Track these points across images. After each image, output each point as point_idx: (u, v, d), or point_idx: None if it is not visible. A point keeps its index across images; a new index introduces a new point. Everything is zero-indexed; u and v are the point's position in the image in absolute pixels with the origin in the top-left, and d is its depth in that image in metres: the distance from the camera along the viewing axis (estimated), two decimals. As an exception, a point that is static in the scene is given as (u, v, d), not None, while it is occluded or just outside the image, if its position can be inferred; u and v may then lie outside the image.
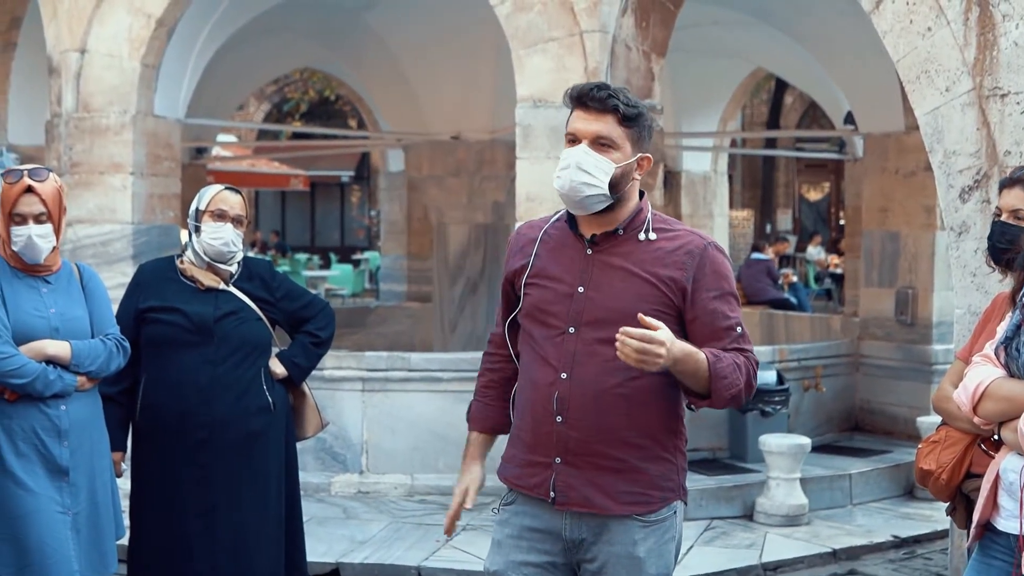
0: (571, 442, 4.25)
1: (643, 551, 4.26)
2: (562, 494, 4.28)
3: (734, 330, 4.28)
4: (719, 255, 4.30)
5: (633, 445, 4.24)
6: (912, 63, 7.23)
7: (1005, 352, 4.15)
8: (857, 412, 13.07)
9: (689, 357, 4.07)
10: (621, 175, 4.25)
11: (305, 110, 40.82)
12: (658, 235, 4.30)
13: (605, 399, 4.20)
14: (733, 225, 26.14)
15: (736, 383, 4.18)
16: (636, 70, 9.90)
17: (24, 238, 5.56)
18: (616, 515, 4.26)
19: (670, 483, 4.32)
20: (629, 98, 4.27)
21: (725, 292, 4.28)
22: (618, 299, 4.21)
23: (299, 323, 6.37)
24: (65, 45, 10.65)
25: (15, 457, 5.44)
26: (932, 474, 5.09)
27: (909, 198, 12.58)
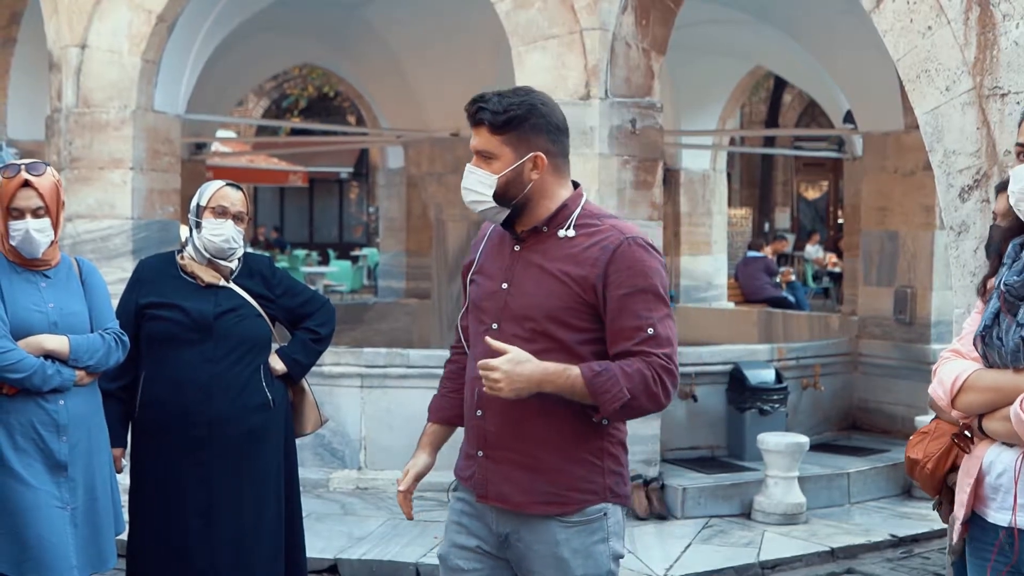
0: (490, 436, 4.30)
1: (567, 552, 4.23)
2: (481, 487, 4.33)
3: (643, 330, 4.11)
4: (638, 251, 4.19)
5: (550, 444, 4.22)
6: (912, 62, 7.24)
7: (983, 342, 4.10)
8: (855, 411, 13.08)
9: (556, 376, 4.05)
10: (507, 183, 4.21)
11: (304, 106, 40.80)
12: (579, 231, 4.23)
13: (524, 400, 4.14)
14: (731, 223, 26.07)
15: (620, 396, 4.03)
16: (636, 68, 9.90)
17: (22, 232, 5.56)
18: (535, 514, 4.25)
19: (592, 485, 4.24)
20: (502, 104, 4.21)
21: (639, 289, 4.14)
22: (533, 297, 4.21)
23: (299, 320, 6.37)
24: (65, 40, 10.65)
25: (13, 452, 5.44)
26: (918, 463, 5.15)
27: (908, 197, 12.59)
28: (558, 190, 4.30)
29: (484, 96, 4.24)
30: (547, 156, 4.24)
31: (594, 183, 9.67)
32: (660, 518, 9.87)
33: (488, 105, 4.20)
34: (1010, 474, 4.01)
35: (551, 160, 4.26)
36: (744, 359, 11.37)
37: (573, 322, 4.16)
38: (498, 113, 4.18)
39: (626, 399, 4.05)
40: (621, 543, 4.36)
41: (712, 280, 19.37)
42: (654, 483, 9.98)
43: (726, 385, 11.23)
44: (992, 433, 4.07)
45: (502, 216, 4.27)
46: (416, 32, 14.98)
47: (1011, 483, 4.01)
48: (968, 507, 4.16)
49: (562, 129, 4.32)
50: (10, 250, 5.62)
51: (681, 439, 11.14)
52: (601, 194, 9.66)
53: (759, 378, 11.11)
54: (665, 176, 11.86)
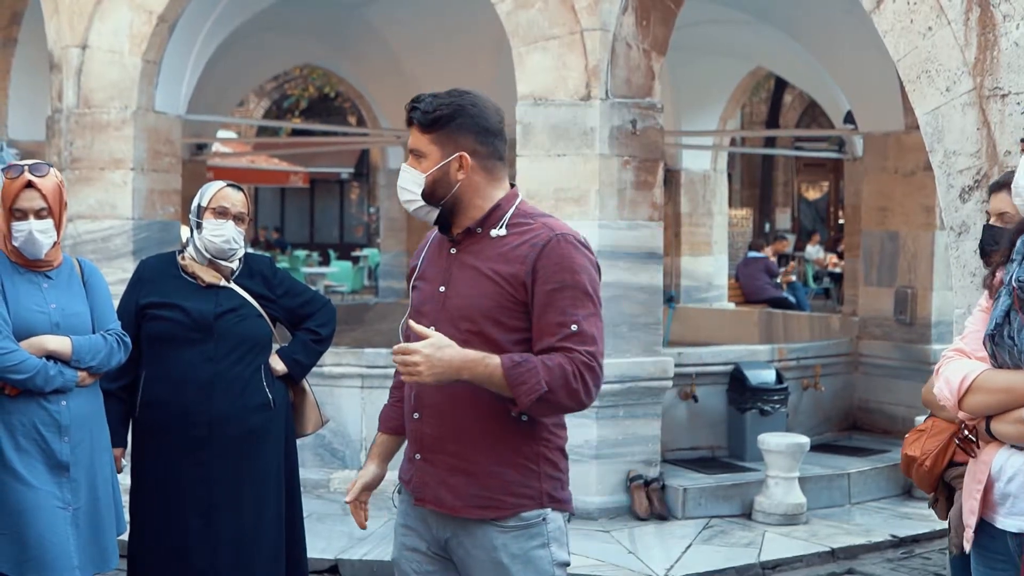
0: (426, 439, 4.30)
1: (506, 557, 4.21)
2: (419, 491, 4.33)
3: (567, 327, 4.08)
4: (567, 247, 4.15)
5: (484, 448, 4.20)
6: (912, 63, 7.24)
7: (992, 341, 4.02)
8: (856, 411, 13.08)
9: (475, 363, 4.03)
10: (434, 181, 4.26)
11: (305, 107, 40.79)
12: (511, 231, 4.23)
13: (454, 398, 4.18)
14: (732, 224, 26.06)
15: (537, 388, 3.99)
16: (636, 68, 9.91)
17: (25, 233, 5.57)
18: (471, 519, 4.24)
19: (528, 490, 4.21)
20: (433, 104, 4.27)
21: (566, 285, 4.10)
22: (467, 298, 4.22)
23: (300, 320, 6.38)
24: (66, 41, 10.66)
25: (15, 452, 5.45)
26: (916, 460, 5.16)
27: (908, 198, 12.59)
28: (490, 191, 4.32)
29: (420, 96, 4.31)
30: (473, 157, 4.26)
31: (595, 184, 9.68)
32: (661, 518, 9.87)
33: (420, 105, 4.27)
34: (1021, 479, 3.96)
35: (478, 161, 4.28)
36: (745, 359, 11.37)
37: (507, 321, 4.16)
38: (427, 112, 4.24)
39: (543, 391, 4.01)
40: (565, 550, 4.32)
41: (713, 280, 19.36)
42: (655, 483, 9.98)
43: (727, 385, 11.23)
44: (1002, 436, 3.99)
45: (433, 215, 4.31)
46: (417, 32, 14.99)
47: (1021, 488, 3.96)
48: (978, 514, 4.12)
49: (493, 132, 4.32)
50: (12, 251, 5.63)
51: (682, 439, 11.14)
52: (602, 194, 9.67)
53: (760, 378, 11.11)
54: (666, 176, 11.87)
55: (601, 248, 9.58)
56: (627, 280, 9.90)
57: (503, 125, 4.38)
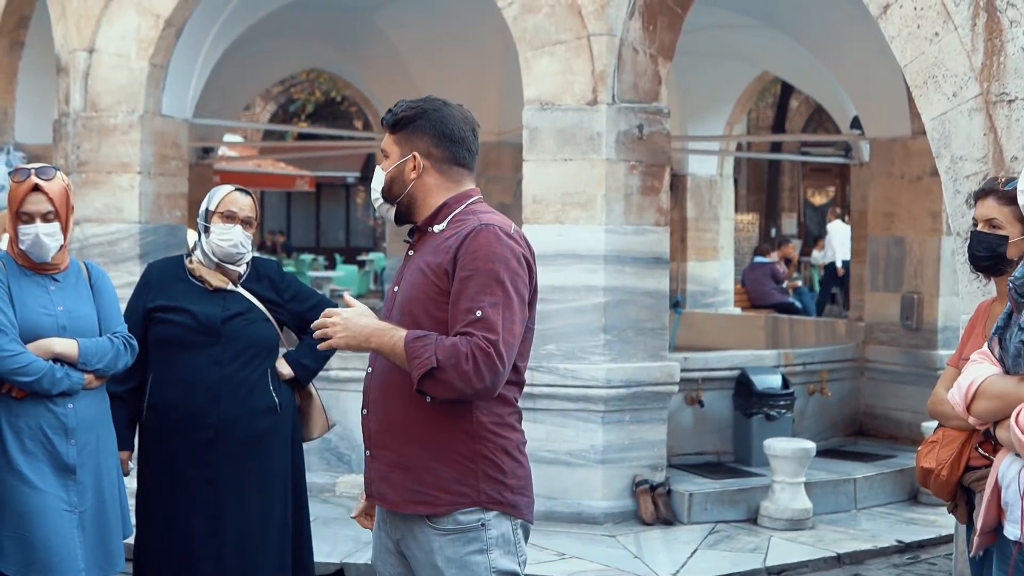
0: (372, 435, 4.43)
1: (441, 560, 4.24)
2: (368, 486, 4.48)
3: (472, 312, 4.11)
4: (488, 236, 4.21)
5: (421, 443, 4.26)
6: (919, 68, 7.24)
7: (999, 344, 4.09)
8: (862, 416, 13.07)
9: (383, 333, 4.20)
10: (391, 179, 4.45)
11: (311, 111, 40.81)
12: (450, 226, 4.34)
13: (391, 393, 4.31)
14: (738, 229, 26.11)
15: (427, 363, 4.05)
16: (643, 73, 9.90)
17: (32, 236, 5.59)
18: (412, 517, 4.29)
19: (465, 488, 4.23)
20: (400, 107, 4.45)
21: (478, 272, 4.15)
22: (406, 291, 4.36)
23: (307, 324, 6.35)
24: (73, 44, 10.67)
25: (22, 455, 5.46)
26: (933, 472, 5.18)
27: (915, 203, 12.58)
28: (443, 194, 4.44)
29: (398, 101, 4.50)
30: (427, 158, 4.40)
31: (601, 188, 9.68)
32: (666, 523, 9.87)
33: (393, 107, 4.47)
34: (1014, 488, 4.00)
35: (432, 163, 4.41)
36: (751, 364, 11.36)
37: (434, 312, 4.23)
38: (394, 114, 4.44)
39: (431, 367, 4.05)
40: (512, 559, 4.31)
41: (719, 285, 19.33)
42: (660, 488, 9.97)
43: (733, 390, 11.22)
44: (1002, 441, 4.07)
45: (390, 214, 4.51)
46: (424, 37, 14.99)
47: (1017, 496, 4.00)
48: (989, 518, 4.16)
49: (453, 138, 4.43)
50: (19, 254, 5.64)
51: (688, 444, 11.13)
52: (608, 199, 9.67)
53: (766, 383, 11.10)
54: (672, 181, 11.86)
55: (607, 253, 9.58)
56: (633, 285, 9.90)
57: (471, 135, 4.49)
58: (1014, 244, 5.01)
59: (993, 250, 5.07)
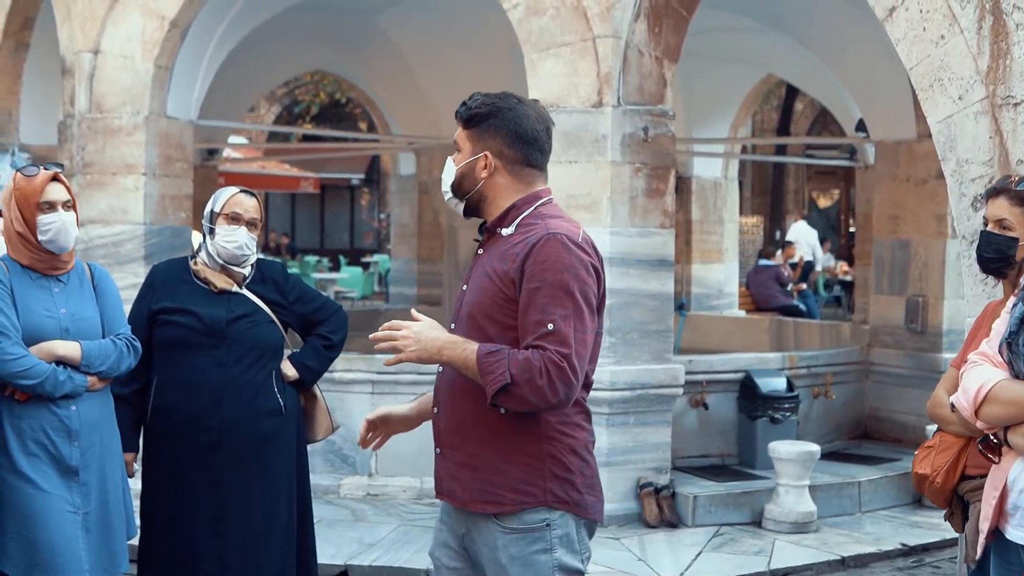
0: (442, 434, 4.44)
1: (505, 558, 4.27)
2: (438, 483, 4.47)
3: (543, 325, 4.10)
4: (556, 246, 4.18)
5: (489, 444, 4.28)
6: (925, 71, 7.23)
7: (1009, 349, 4.02)
8: (866, 420, 13.06)
9: (455, 346, 4.20)
10: (462, 174, 4.43)
11: (316, 113, 40.85)
12: (518, 230, 4.32)
13: (460, 395, 4.32)
14: (743, 231, 26.09)
15: (501, 378, 4.06)
16: (648, 75, 9.90)
17: (57, 224, 5.62)
18: (478, 514, 4.31)
19: (531, 488, 4.25)
20: (475, 101, 4.42)
21: (547, 283, 4.13)
22: (473, 294, 4.36)
23: (311, 326, 6.39)
24: (79, 46, 10.67)
25: (25, 457, 5.45)
26: (927, 478, 5.14)
27: (920, 206, 12.57)
28: (514, 195, 4.41)
29: (473, 94, 4.46)
30: (499, 158, 4.38)
31: (606, 191, 9.68)
32: (671, 526, 9.86)
33: (468, 101, 4.43)
34: None
35: (504, 163, 4.39)
36: (755, 367, 11.36)
37: (500, 318, 4.24)
38: (468, 108, 4.41)
39: (506, 383, 4.06)
40: (576, 557, 4.34)
41: (723, 288, 19.33)
42: (665, 491, 9.97)
43: (737, 393, 11.22)
44: (1017, 447, 4.00)
45: (459, 208, 4.50)
46: (429, 39, 15.00)
47: None
48: (993, 521, 4.12)
49: (526, 138, 4.40)
50: (27, 254, 5.63)
51: (692, 447, 11.13)
52: (613, 201, 9.67)
53: (770, 386, 11.09)
54: (677, 184, 11.86)
55: (612, 255, 9.57)
56: (638, 287, 9.90)
57: (544, 135, 4.45)
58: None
59: (1002, 252, 4.94)
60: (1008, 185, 5.02)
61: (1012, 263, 4.94)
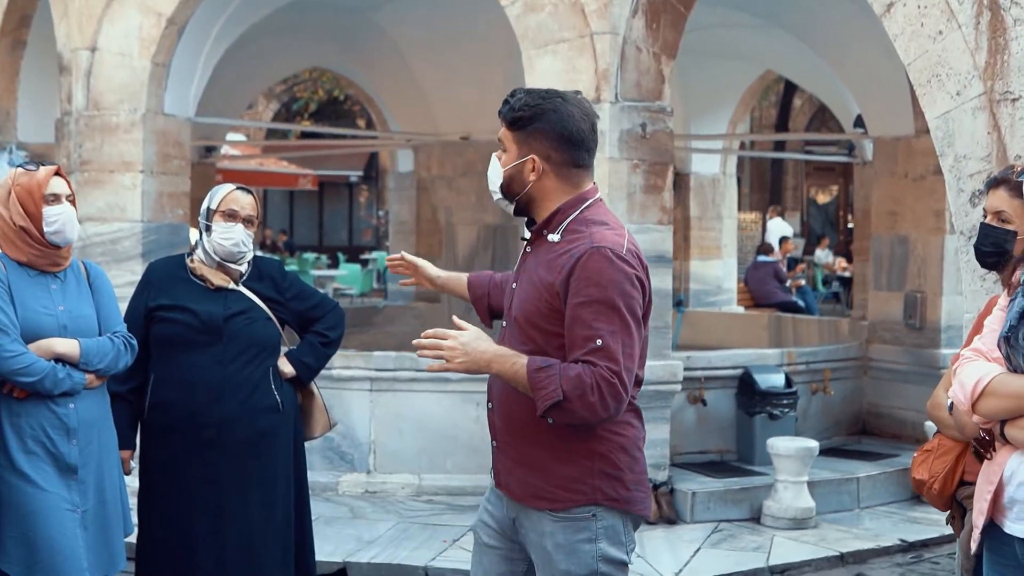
0: (497, 429, 4.55)
1: (551, 545, 4.37)
2: (497, 475, 4.60)
3: (592, 341, 4.14)
4: (601, 261, 4.20)
5: (541, 444, 4.36)
6: (923, 67, 7.23)
7: (1007, 344, 4.02)
8: (865, 416, 13.06)
9: (504, 360, 4.24)
10: (510, 177, 4.44)
11: (314, 110, 40.84)
12: (564, 237, 4.35)
13: (514, 393, 4.34)
14: (741, 227, 26.09)
15: (554, 395, 4.11)
16: (646, 72, 9.89)
17: (63, 216, 5.63)
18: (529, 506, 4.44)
19: (582, 486, 4.33)
20: (520, 102, 4.41)
21: (592, 299, 4.16)
22: (520, 299, 4.43)
23: (309, 323, 6.39)
24: (76, 43, 10.66)
25: (24, 455, 5.45)
26: (925, 484, 5.11)
27: (918, 202, 12.56)
28: (562, 197, 4.42)
29: (515, 92, 4.47)
30: (546, 162, 4.38)
31: (604, 187, 9.66)
32: (669, 522, 9.86)
33: (511, 100, 4.42)
34: None
35: (551, 167, 4.39)
36: (754, 363, 11.36)
37: (546, 327, 4.30)
38: (513, 110, 4.39)
39: (558, 399, 4.11)
40: (620, 549, 4.42)
41: (722, 284, 19.35)
42: (663, 487, 9.97)
43: (736, 389, 11.21)
44: (1015, 441, 4.01)
45: (509, 209, 4.52)
46: (427, 36, 14.98)
47: None
48: (987, 515, 4.12)
49: (574, 141, 4.39)
50: (26, 249, 5.62)
51: (691, 443, 11.13)
52: (611, 198, 9.65)
53: (769, 382, 11.09)
54: (675, 180, 11.85)
55: (610, 251, 9.55)
56: (637, 284, 9.86)
57: (590, 132, 4.46)
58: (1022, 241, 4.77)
59: (999, 246, 4.83)
60: (1009, 176, 4.91)
61: (1009, 257, 4.80)
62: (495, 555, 4.63)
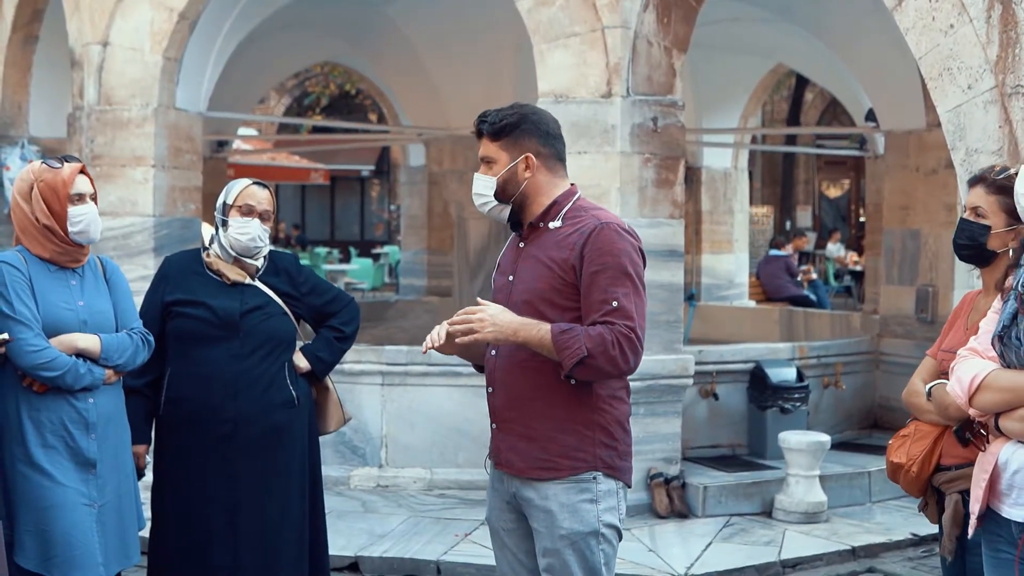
0: (498, 410, 4.95)
1: (555, 505, 4.77)
2: (496, 455, 4.99)
3: (608, 303, 4.62)
4: (610, 233, 4.72)
5: (544, 417, 4.78)
6: (934, 60, 7.23)
7: (1001, 342, 4.19)
8: (876, 409, 13.05)
9: (530, 327, 4.65)
10: (504, 181, 4.91)
11: (326, 104, 40.86)
12: (565, 222, 4.84)
13: (517, 372, 4.82)
14: (753, 221, 26.06)
15: (579, 352, 4.55)
16: (657, 66, 9.89)
17: (90, 215, 5.64)
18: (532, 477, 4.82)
19: (582, 454, 4.76)
20: (498, 115, 4.91)
21: (607, 267, 4.66)
22: (527, 282, 4.84)
23: (324, 318, 6.40)
24: (88, 38, 10.68)
25: (42, 449, 5.46)
26: (902, 467, 5.24)
27: (930, 196, 12.56)
28: (552, 189, 4.95)
29: (486, 112, 4.97)
30: (537, 157, 4.91)
31: (615, 181, 9.67)
32: (681, 516, 9.86)
33: (487, 118, 4.93)
34: None
35: (542, 161, 4.93)
36: (765, 357, 11.36)
37: (560, 302, 4.74)
38: (495, 123, 4.90)
39: (584, 356, 4.56)
40: (615, 515, 4.88)
41: (733, 278, 19.34)
42: (675, 481, 9.97)
43: (747, 383, 11.22)
44: (1009, 432, 4.17)
45: (505, 213, 4.96)
46: (438, 30, 14.99)
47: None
48: (984, 502, 4.26)
49: (553, 135, 4.98)
50: (50, 247, 5.62)
51: (702, 437, 11.14)
52: (623, 192, 9.66)
53: (780, 376, 11.09)
54: (687, 174, 11.85)
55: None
56: (648, 278, 9.66)
57: (560, 131, 5.02)
58: (996, 235, 4.92)
59: (974, 239, 4.98)
60: (987, 174, 5.08)
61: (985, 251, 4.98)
62: (516, 535, 4.98)
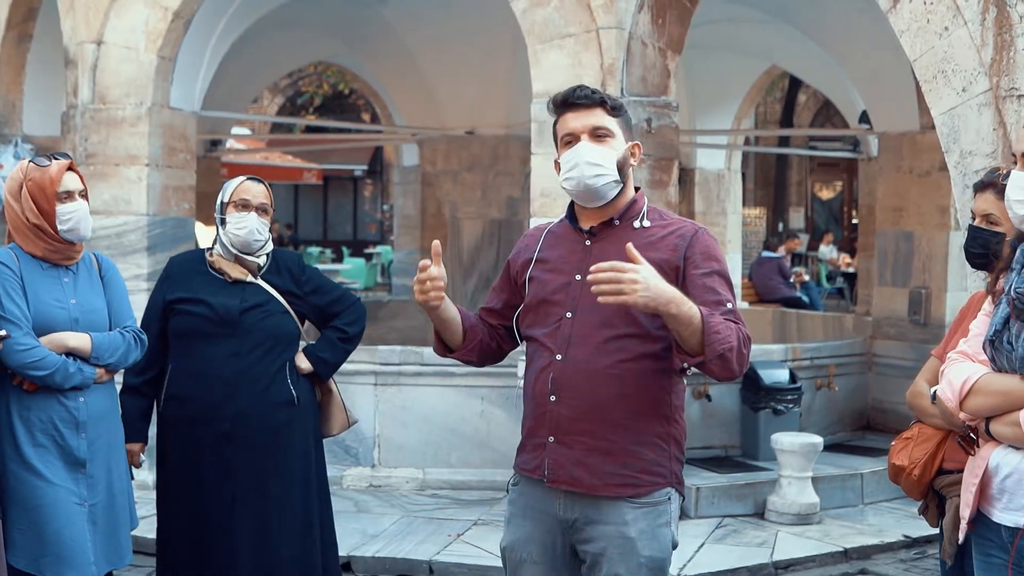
0: (563, 421, 4.42)
1: (634, 532, 4.39)
2: (552, 472, 4.46)
3: (723, 304, 4.29)
4: (710, 239, 4.48)
5: (623, 427, 4.38)
6: (929, 63, 7.23)
7: (992, 346, 4.13)
8: (869, 411, 13.07)
9: (682, 300, 4.10)
10: (623, 160, 4.47)
11: (319, 104, 40.82)
12: (652, 223, 4.51)
13: (597, 379, 4.36)
14: (746, 223, 26.05)
15: (729, 340, 4.13)
16: (652, 67, 9.89)
17: (78, 213, 5.64)
18: (605, 496, 4.41)
19: (661, 469, 4.44)
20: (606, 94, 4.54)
21: (715, 271, 4.38)
22: None
23: (328, 318, 6.38)
24: (82, 37, 10.66)
25: (33, 448, 5.45)
26: (904, 470, 5.19)
27: (923, 198, 12.57)
28: (631, 186, 4.61)
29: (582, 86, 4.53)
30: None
31: (609, 182, 9.65)
32: (673, 517, 9.85)
33: (599, 91, 4.51)
34: (1016, 476, 4.07)
35: None
36: (758, 359, 11.34)
37: None
38: (611, 98, 4.51)
39: (731, 345, 4.14)
40: (677, 531, 4.56)
41: (726, 280, 19.32)
42: (668, 482, 9.96)
43: (740, 385, 11.22)
44: (999, 436, 4.11)
45: (612, 194, 4.48)
46: (432, 30, 14.98)
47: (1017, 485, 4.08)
48: (974, 507, 4.23)
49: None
50: (41, 245, 5.62)
51: (695, 438, 11.11)
52: (616, 193, 9.64)
53: (773, 378, 11.10)
54: (680, 175, 11.85)
55: (616, 247, 9.56)
56: (641, 279, 9.86)
57: None
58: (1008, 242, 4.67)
59: (988, 247, 4.85)
60: (996, 179, 4.96)
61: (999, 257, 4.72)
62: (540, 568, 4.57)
